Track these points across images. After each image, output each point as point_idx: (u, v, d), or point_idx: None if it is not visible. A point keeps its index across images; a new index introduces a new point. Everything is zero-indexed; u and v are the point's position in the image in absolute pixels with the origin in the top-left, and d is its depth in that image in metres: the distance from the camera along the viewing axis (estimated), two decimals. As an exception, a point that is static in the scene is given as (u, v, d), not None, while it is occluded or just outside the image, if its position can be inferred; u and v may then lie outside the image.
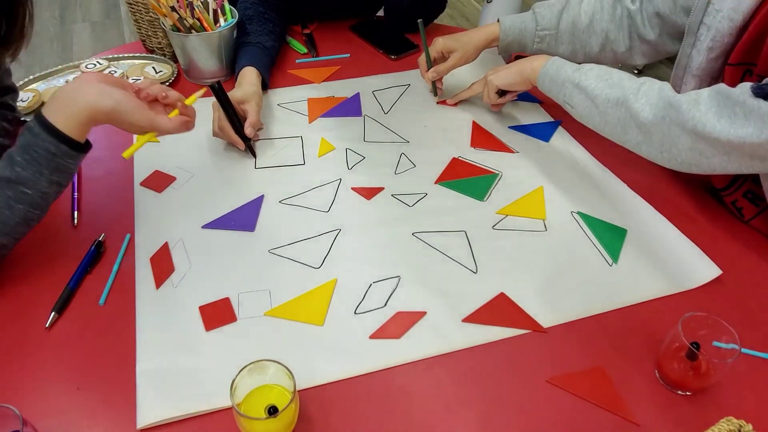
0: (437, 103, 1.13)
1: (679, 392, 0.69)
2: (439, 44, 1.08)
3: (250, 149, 0.99)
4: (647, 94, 0.80)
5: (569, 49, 1.05)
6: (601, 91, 0.84)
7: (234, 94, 0.99)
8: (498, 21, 1.08)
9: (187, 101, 0.81)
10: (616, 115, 0.83)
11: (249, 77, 1.04)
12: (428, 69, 1.10)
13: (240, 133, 0.97)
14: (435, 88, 1.13)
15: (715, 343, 0.68)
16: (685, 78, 0.92)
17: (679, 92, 0.97)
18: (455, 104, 1.13)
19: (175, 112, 0.79)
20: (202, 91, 0.83)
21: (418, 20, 1.08)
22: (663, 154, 0.79)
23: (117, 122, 0.73)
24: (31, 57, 2.66)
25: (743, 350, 0.70)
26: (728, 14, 0.82)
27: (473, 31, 1.10)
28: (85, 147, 0.74)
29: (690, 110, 0.75)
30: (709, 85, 0.89)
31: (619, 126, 0.83)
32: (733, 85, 0.74)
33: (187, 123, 0.79)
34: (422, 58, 1.12)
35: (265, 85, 1.09)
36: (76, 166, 0.75)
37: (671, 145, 0.78)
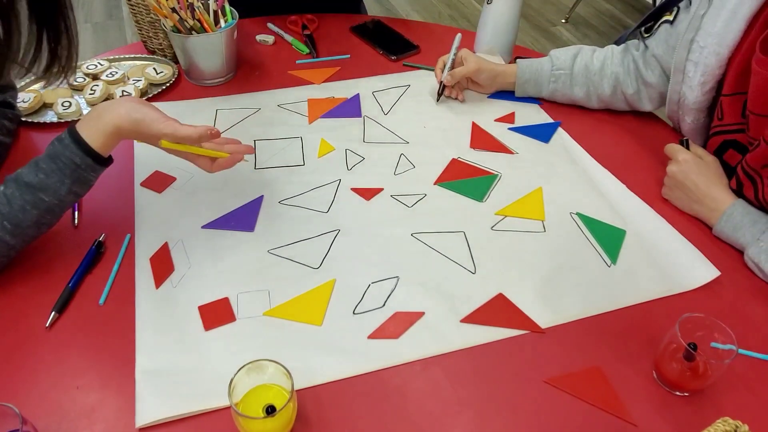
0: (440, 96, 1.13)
1: (677, 393, 0.69)
2: (471, 65, 1.09)
3: None
4: None
5: (583, 90, 1.09)
6: None
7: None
8: (515, 62, 1.12)
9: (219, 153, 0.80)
10: None
11: None
12: (443, 70, 1.11)
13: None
14: (441, 90, 1.12)
15: (713, 344, 0.68)
16: (682, 113, 0.96)
17: (679, 126, 1.00)
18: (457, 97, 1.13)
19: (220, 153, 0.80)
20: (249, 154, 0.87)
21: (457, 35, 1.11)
22: None
23: (144, 131, 0.75)
24: (33, 57, 2.66)
25: (740, 351, 0.70)
26: (714, 49, 0.86)
27: (497, 66, 1.12)
28: (106, 161, 0.77)
29: None
30: (707, 116, 0.94)
31: None
32: (732, 115, 0.77)
33: (211, 132, 0.76)
34: (443, 58, 1.13)
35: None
36: (96, 179, 0.77)
37: None
